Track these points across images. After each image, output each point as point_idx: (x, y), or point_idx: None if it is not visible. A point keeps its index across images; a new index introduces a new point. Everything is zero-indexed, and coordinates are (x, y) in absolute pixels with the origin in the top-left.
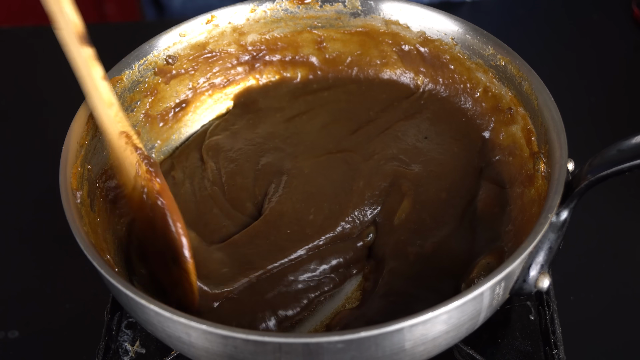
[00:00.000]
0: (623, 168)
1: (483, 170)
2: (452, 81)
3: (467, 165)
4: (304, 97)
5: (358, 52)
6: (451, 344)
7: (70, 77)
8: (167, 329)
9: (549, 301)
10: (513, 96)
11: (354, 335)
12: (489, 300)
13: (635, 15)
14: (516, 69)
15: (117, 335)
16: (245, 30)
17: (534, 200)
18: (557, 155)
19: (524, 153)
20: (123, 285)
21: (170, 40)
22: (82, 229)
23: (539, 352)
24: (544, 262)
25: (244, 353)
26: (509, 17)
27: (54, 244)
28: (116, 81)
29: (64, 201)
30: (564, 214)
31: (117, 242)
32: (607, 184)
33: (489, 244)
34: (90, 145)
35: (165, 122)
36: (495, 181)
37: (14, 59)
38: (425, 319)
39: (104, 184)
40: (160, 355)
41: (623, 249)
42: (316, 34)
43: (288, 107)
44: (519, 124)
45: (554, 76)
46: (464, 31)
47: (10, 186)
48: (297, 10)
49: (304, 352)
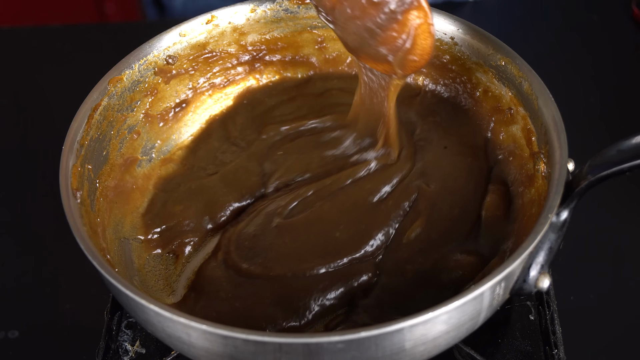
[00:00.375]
0: (623, 168)
1: (487, 174)
2: (452, 81)
3: (479, 175)
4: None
5: None
6: (451, 344)
7: (71, 77)
8: (167, 329)
9: (549, 301)
10: (513, 96)
11: (354, 335)
12: (489, 300)
13: (635, 15)
14: (516, 69)
15: (117, 335)
16: (245, 30)
17: (534, 200)
18: (557, 156)
19: (524, 153)
20: (123, 285)
21: (170, 40)
22: (82, 229)
23: (539, 352)
24: (544, 262)
25: (244, 353)
26: (509, 17)
27: (54, 244)
28: (116, 81)
29: (64, 201)
30: (564, 214)
31: (117, 242)
32: (607, 184)
33: (490, 251)
34: (90, 145)
35: (165, 122)
36: (498, 182)
37: (14, 59)
38: (426, 319)
39: (104, 184)
40: (160, 355)
41: (623, 249)
42: (316, 34)
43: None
44: (519, 124)
45: (554, 76)
46: (464, 31)
47: (10, 186)
48: (297, 10)
49: (304, 352)
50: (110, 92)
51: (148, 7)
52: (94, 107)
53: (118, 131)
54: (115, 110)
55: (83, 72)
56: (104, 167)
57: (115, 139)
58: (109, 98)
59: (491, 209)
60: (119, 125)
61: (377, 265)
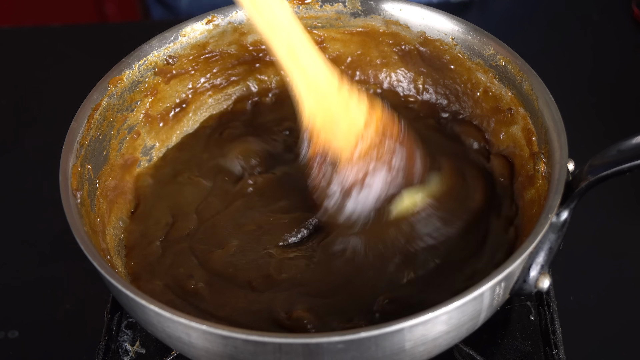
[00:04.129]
0: (623, 168)
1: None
2: (452, 81)
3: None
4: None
5: (358, 52)
6: (451, 344)
7: (71, 77)
8: (167, 329)
9: (549, 301)
10: (513, 96)
11: (354, 335)
12: (489, 300)
13: (635, 15)
14: (516, 69)
15: (117, 335)
16: (245, 30)
17: (534, 200)
18: (557, 156)
19: (524, 153)
20: (123, 285)
21: (171, 40)
22: (82, 229)
23: (539, 352)
24: (544, 263)
25: (244, 353)
26: (509, 17)
27: (54, 244)
28: (116, 81)
29: (64, 201)
30: (564, 214)
31: (117, 242)
32: (607, 184)
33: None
34: (90, 145)
35: (165, 122)
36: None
37: (14, 59)
38: (426, 319)
39: (104, 184)
40: (160, 355)
41: (623, 249)
42: (316, 34)
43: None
44: (519, 124)
45: (554, 76)
46: (464, 31)
47: (10, 186)
48: (297, 10)
49: (304, 352)
50: (110, 92)
51: (153, 7)
52: (94, 107)
53: (118, 131)
54: (115, 110)
55: (83, 72)
56: (104, 167)
57: (115, 139)
58: (109, 98)
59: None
60: (119, 125)
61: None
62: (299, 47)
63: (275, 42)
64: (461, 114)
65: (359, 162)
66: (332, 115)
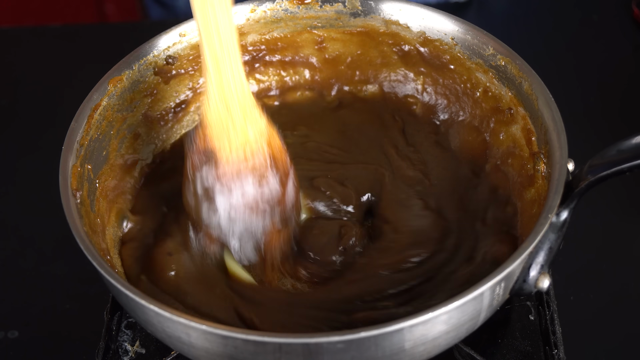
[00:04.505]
0: (623, 168)
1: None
2: (452, 81)
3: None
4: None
5: (358, 52)
6: (451, 344)
7: (70, 77)
8: (167, 329)
9: (549, 301)
10: (513, 96)
11: (354, 335)
12: (489, 300)
13: (635, 15)
14: (516, 69)
15: (117, 335)
16: (245, 31)
17: (534, 200)
18: (557, 156)
19: (524, 153)
20: (123, 285)
21: (170, 40)
22: (82, 229)
23: (539, 352)
24: (544, 263)
25: (244, 353)
26: (509, 17)
27: (54, 244)
28: (116, 81)
29: (64, 201)
30: (564, 214)
31: (117, 242)
32: (607, 184)
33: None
34: (90, 145)
35: (165, 122)
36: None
37: (14, 59)
38: (425, 319)
39: (104, 184)
40: (160, 355)
41: (623, 249)
42: (316, 34)
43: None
44: (519, 124)
45: (554, 76)
46: (464, 31)
47: (11, 186)
48: (297, 10)
49: (304, 352)
50: (110, 92)
51: (151, 7)
52: (93, 107)
53: (118, 131)
54: (115, 110)
55: (83, 72)
56: (104, 167)
57: (115, 139)
58: (109, 98)
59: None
60: (119, 125)
61: None
62: (228, 56)
63: (209, 42)
64: (460, 116)
65: (237, 170)
66: (232, 120)
